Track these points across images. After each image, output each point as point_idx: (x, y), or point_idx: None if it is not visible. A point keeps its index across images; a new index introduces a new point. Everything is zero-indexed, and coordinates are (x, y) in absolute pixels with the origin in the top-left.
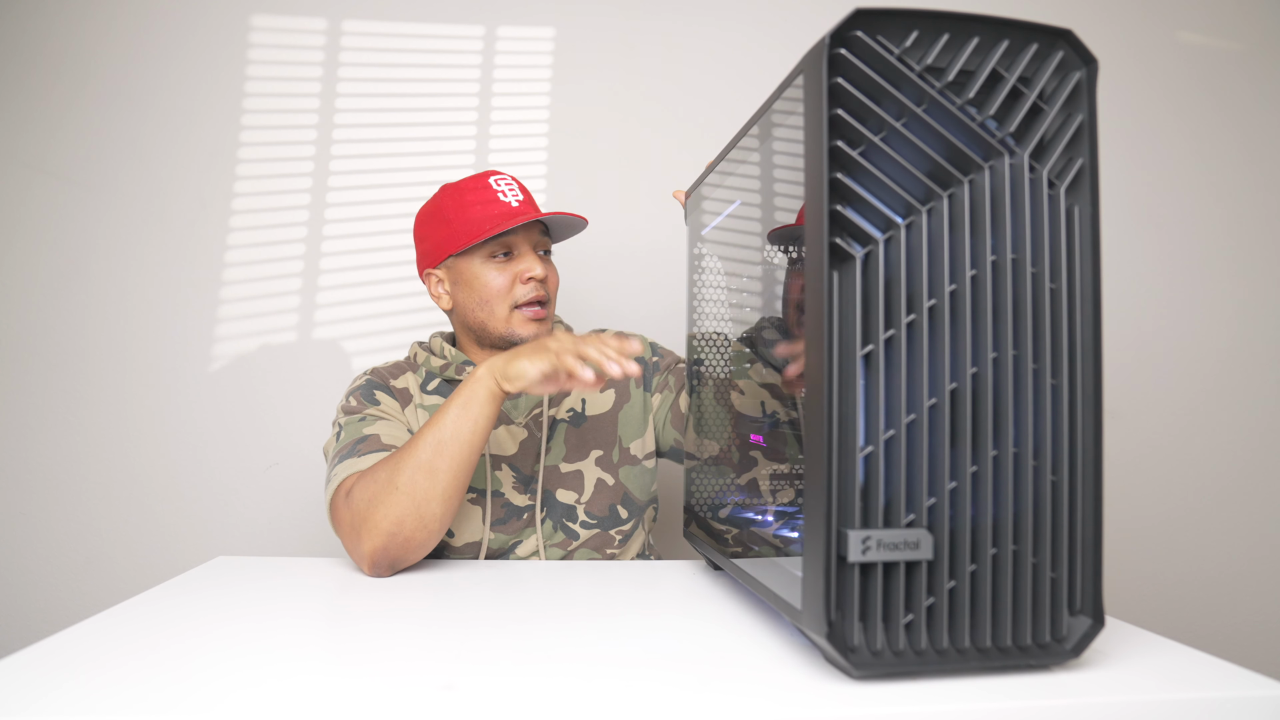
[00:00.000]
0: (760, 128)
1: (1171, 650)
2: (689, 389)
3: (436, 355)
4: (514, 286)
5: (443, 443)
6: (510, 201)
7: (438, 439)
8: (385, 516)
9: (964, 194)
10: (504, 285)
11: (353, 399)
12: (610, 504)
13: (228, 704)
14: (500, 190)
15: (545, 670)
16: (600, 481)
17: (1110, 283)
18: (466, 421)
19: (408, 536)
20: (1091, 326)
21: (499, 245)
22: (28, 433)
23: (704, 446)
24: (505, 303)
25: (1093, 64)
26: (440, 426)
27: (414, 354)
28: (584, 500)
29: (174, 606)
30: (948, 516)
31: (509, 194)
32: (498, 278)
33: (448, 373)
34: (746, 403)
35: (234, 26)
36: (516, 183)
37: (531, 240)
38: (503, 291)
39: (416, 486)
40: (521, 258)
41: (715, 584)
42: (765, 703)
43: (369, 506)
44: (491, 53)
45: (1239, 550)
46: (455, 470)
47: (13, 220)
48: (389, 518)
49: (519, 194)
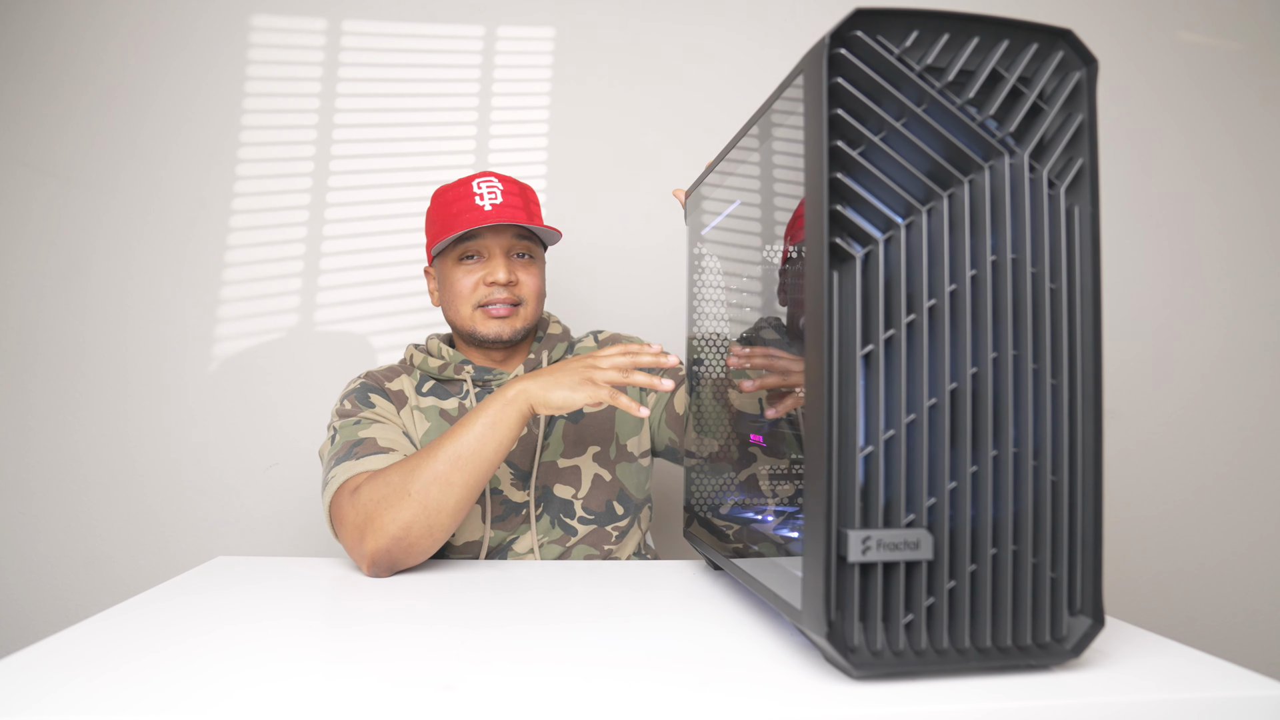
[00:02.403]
0: (760, 127)
1: (1171, 650)
2: (689, 388)
3: (433, 356)
4: (478, 289)
5: (462, 457)
6: (484, 205)
7: (457, 453)
8: (394, 520)
9: (964, 194)
10: (469, 287)
11: (347, 402)
12: (607, 500)
13: (228, 704)
14: (479, 193)
15: (545, 670)
16: (598, 477)
17: (1110, 283)
18: (492, 441)
19: (413, 542)
20: (1091, 326)
21: (467, 247)
22: (28, 433)
23: (704, 445)
24: (469, 304)
25: (1093, 64)
26: (461, 441)
27: (409, 356)
28: (581, 496)
29: (174, 606)
30: (948, 516)
31: (486, 197)
32: (465, 279)
33: (445, 373)
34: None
35: (234, 26)
36: (506, 184)
37: (503, 244)
38: (466, 293)
39: (429, 496)
40: (489, 260)
41: (715, 584)
42: (765, 703)
43: (378, 507)
44: (491, 53)
45: (1239, 550)
46: (470, 485)
47: (13, 220)
48: (397, 521)
49: (498, 197)
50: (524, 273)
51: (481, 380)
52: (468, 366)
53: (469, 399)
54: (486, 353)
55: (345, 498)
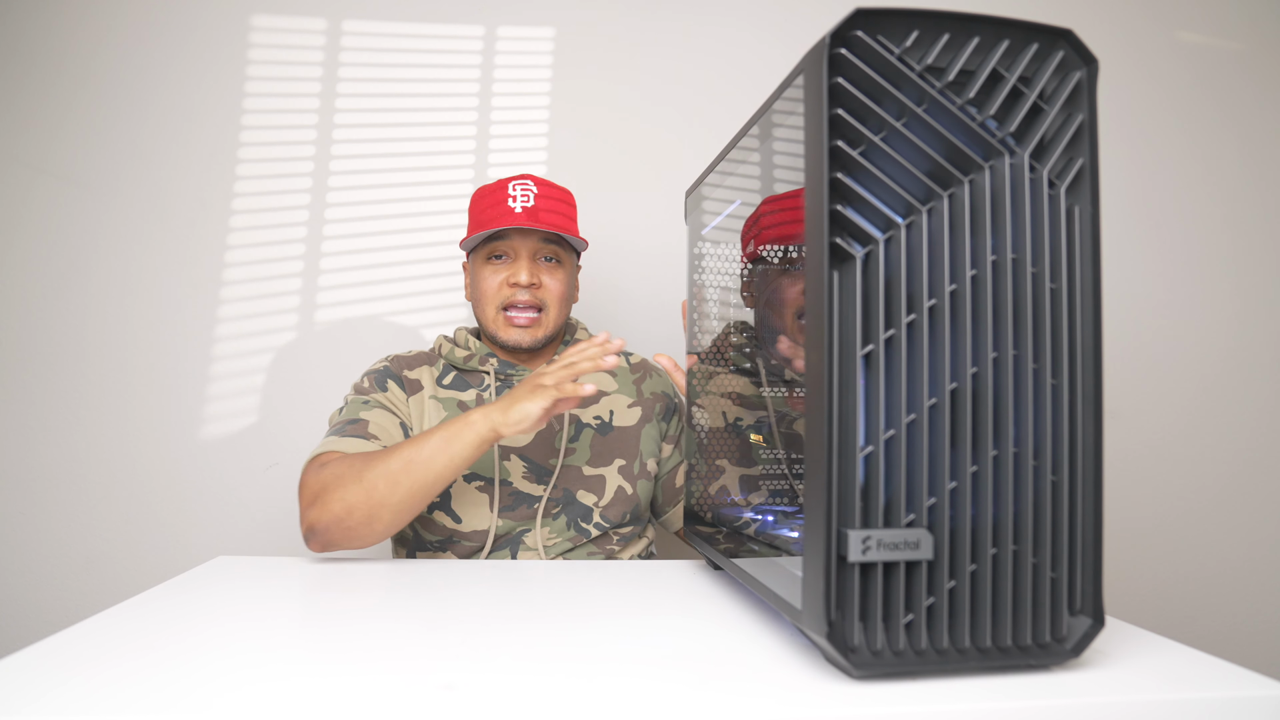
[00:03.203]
0: (760, 127)
1: (1171, 650)
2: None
3: (460, 347)
4: (502, 289)
5: (413, 463)
6: (515, 207)
7: (410, 457)
8: (340, 500)
9: (964, 194)
10: (494, 286)
11: (366, 380)
12: (624, 511)
13: (227, 704)
14: (513, 195)
15: (545, 670)
16: (620, 490)
17: (1110, 283)
18: (443, 455)
19: (351, 526)
20: (1091, 326)
21: (494, 247)
22: (28, 433)
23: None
24: (494, 304)
25: (1093, 64)
26: (419, 447)
27: (438, 346)
28: (603, 504)
29: (174, 606)
30: (948, 516)
31: (519, 199)
32: (491, 279)
33: (470, 364)
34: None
35: (234, 26)
36: (542, 187)
37: (530, 247)
38: (491, 292)
39: (376, 488)
40: (515, 262)
41: (715, 584)
42: (765, 702)
43: (334, 483)
44: (491, 53)
45: (1239, 550)
46: (414, 490)
47: (13, 220)
48: (342, 501)
49: (530, 200)
50: (548, 276)
51: (504, 374)
52: (492, 359)
53: (489, 391)
54: (511, 351)
55: (314, 467)
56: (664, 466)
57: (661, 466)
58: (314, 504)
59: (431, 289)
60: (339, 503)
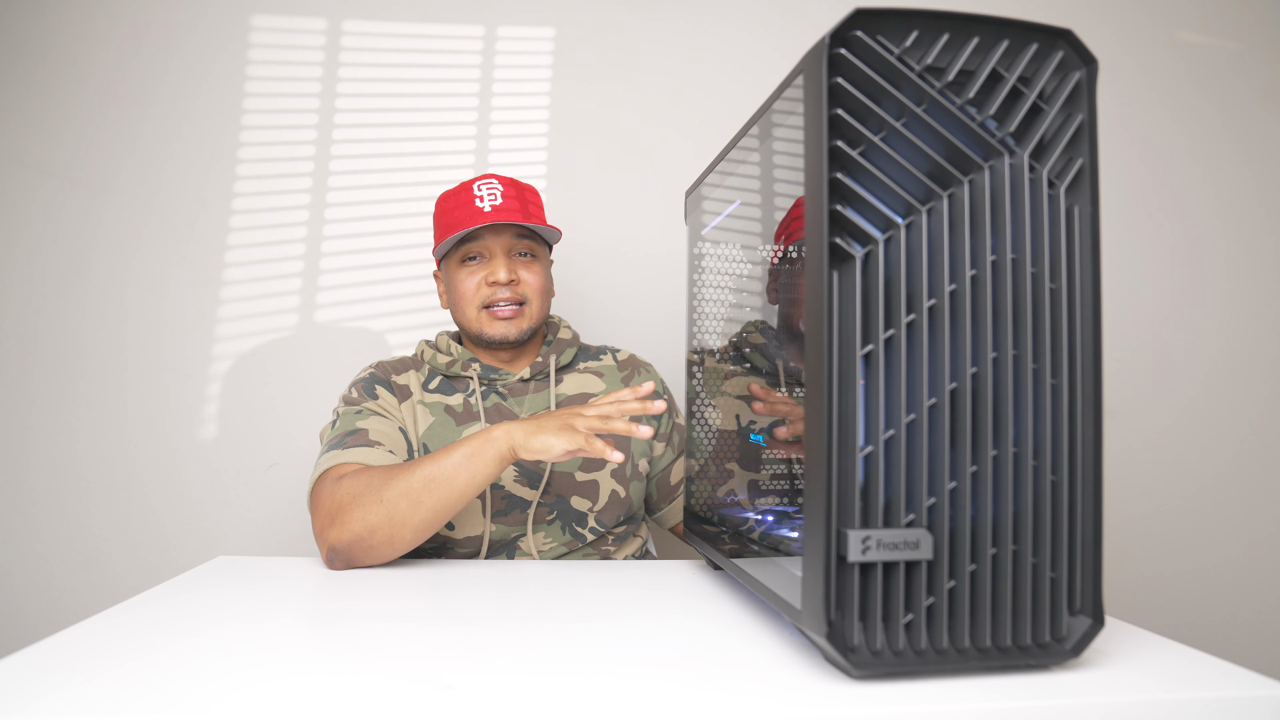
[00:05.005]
0: (760, 127)
1: (1171, 650)
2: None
3: (442, 352)
4: (480, 289)
5: (435, 480)
6: (484, 206)
7: (432, 475)
8: (361, 520)
9: (964, 194)
10: (472, 288)
11: (354, 390)
12: (618, 514)
13: (227, 704)
14: (479, 195)
15: (545, 670)
16: (614, 493)
17: (1110, 283)
18: (465, 472)
19: (373, 545)
20: (1091, 326)
21: (468, 248)
22: (28, 433)
23: (704, 445)
24: (474, 304)
25: (1093, 64)
26: (440, 464)
27: (420, 352)
28: (597, 509)
29: (174, 606)
30: (948, 516)
31: (485, 198)
32: (468, 280)
33: (453, 369)
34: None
35: (234, 26)
36: (505, 185)
37: (504, 244)
38: (470, 294)
39: (398, 508)
40: (490, 261)
41: (715, 584)
42: (765, 702)
43: (352, 502)
44: (491, 53)
45: (1239, 550)
46: (437, 508)
47: (13, 220)
48: (364, 522)
49: (497, 198)
50: (526, 271)
51: (488, 379)
52: (475, 364)
53: (474, 396)
54: (494, 353)
55: (328, 483)
56: (656, 465)
57: (654, 465)
58: (333, 524)
59: (431, 289)
60: (359, 523)
